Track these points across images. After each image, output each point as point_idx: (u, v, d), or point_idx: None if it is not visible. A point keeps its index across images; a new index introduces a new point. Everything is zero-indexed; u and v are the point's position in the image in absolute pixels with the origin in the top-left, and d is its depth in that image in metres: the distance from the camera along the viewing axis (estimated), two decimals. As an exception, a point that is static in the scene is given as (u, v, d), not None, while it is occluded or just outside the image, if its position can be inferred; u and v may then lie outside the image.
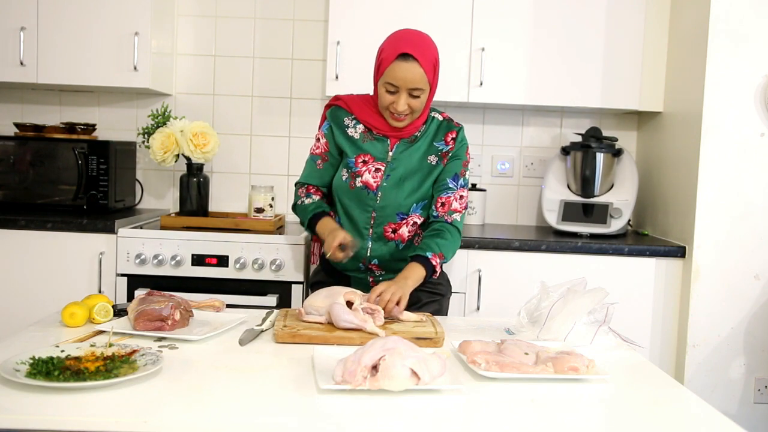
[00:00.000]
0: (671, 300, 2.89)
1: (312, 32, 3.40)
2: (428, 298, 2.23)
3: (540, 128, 3.47)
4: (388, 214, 2.15)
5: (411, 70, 2.00)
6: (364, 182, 2.15)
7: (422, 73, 2.01)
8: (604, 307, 1.79)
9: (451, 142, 2.18)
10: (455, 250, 2.17)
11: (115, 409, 1.25)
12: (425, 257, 2.05)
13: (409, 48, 2.00)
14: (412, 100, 2.05)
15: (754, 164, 2.80)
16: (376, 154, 2.16)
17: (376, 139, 2.17)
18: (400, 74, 2.01)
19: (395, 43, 2.04)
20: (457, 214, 2.17)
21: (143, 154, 3.43)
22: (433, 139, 2.18)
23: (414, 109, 2.07)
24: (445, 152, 2.18)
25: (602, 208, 3.09)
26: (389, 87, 2.04)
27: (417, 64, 2.00)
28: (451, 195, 2.16)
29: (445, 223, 2.15)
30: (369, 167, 2.15)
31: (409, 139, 2.17)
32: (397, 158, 2.15)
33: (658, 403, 1.43)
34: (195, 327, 1.75)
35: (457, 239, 2.16)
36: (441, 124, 2.20)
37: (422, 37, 2.07)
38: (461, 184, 2.18)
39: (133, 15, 3.05)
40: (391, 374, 1.34)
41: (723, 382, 2.85)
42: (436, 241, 2.09)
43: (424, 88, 2.04)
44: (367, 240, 2.18)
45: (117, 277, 2.83)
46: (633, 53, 3.09)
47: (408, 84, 2.02)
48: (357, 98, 2.22)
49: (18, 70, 3.05)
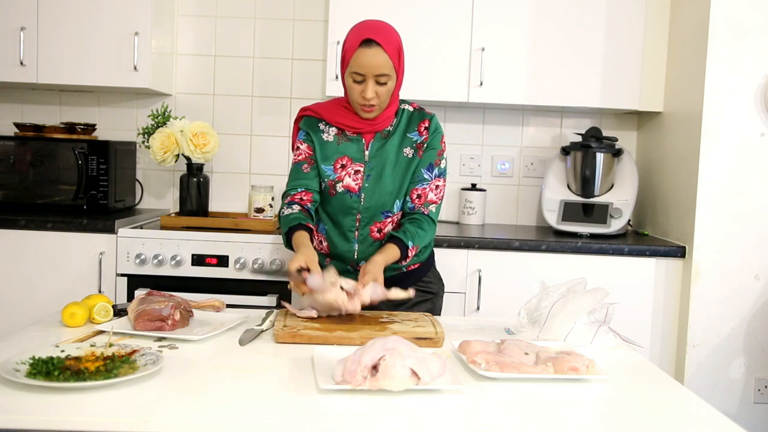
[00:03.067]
0: (671, 300, 2.89)
1: (312, 32, 3.40)
2: (420, 297, 2.22)
3: (540, 128, 3.47)
4: (374, 214, 2.15)
5: (375, 56, 1.99)
6: (346, 186, 2.13)
7: (386, 57, 2.00)
8: (604, 307, 1.79)
9: (424, 132, 2.16)
10: (429, 242, 2.21)
11: (115, 409, 1.25)
12: (404, 243, 2.05)
13: (372, 34, 2.00)
14: (379, 87, 2.03)
15: (754, 164, 2.80)
16: (353, 155, 2.14)
17: (350, 140, 2.15)
18: (365, 60, 1.99)
19: (357, 32, 2.04)
20: (433, 206, 2.16)
21: (143, 154, 3.43)
22: (406, 130, 2.17)
23: (381, 97, 2.05)
24: (419, 143, 2.16)
25: (602, 208, 3.09)
26: (356, 77, 2.03)
27: (381, 49, 1.99)
28: (426, 186, 2.15)
29: (422, 214, 2.14)
30: (348, 170, 2.13)
31: (383, 134, 2.15)
32: (374, 156, 2.14)
33: (658, 403, 1.43)
34: (195, 327, 1.75)
35: (432, 231, 2.16)
36: (412, 115, 2.19)
37: (383, 24, 2.07)
38: (436, 174, 2.16)
39: (133, 15, 3.05)
40: (391, 374, 1.34)
41: (723, 382, 2.85)
42: (417, 231, 2.09)
43: (390, 74, 2.02)
44: (353, 242, 2.17)
45: (117, 277, 2.83)
46: (633, 53, 3.09)
47: (374, 70, 2.00)
48: (324, 104, 2.21)
49: (18, 70, 3.06)
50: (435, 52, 3.08)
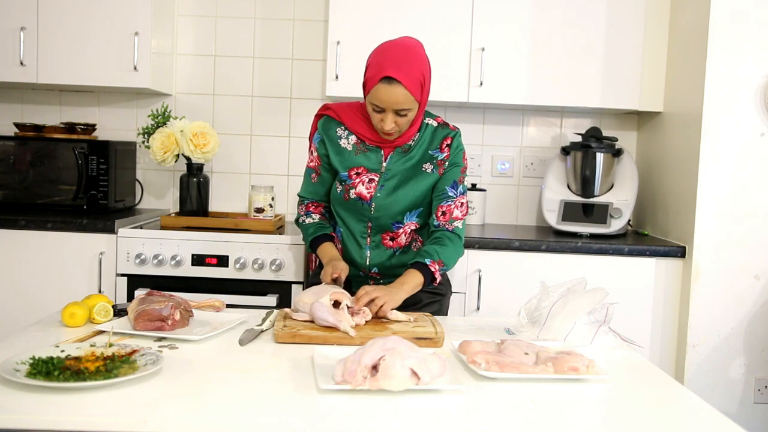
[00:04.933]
0: (671, 300, 2.89)
1: (312, 32, 3.40)
2: (429, 298, 2.22)
3: (540, 128, 3.47)
4: (384, 223, 2.15)
5: (395, 93, 1.95)
6: (358, 193, 2.13)
7: (407, 94, 1.96)
8: (604, 307, 1.79)
9: (446, 149, 2.14)
10: (457, 257, 2.15)
11: (115, 409, 1.25)
12: (424, 264, 2.04)
13: (392, 71, 1.94)
14: (399, 118, 2.01)
15: (754, 164, 2.80)
16: (370, 166, 2.13)
17: (369, 150, 2.14)
18: (384, 97, 1.96)
19: (380, 64, 1.97)
20: (459, 222, 2.15)
21: (143, 154, 3.43)
22: (428, 147, 2.14)
23: (402, 126, 2.05)
24: (440, 160, 2.14)
25: (602, 208, 3.09)
26: (375, 107, 2.00)
27: (401, 86, 1.94)
28: (451, 203, 2.14)
29: (446, 231, 2.13)
30: (362, 178, 2.13)
31: (403, 149, 2.13)
32: (390, 168, 2.13)
33: (658, 403, 1.43)
34: (195, 327, 1.75)
35: (458, 246, 2.14)
36: (436, 131, 2.16)
37: (408, 53, 1.99)
38: (461, 192, 2.16)
39: (133, 15, 3.05)
40: (391, 374, 1.34)
41: (723, 382, 2.85)
42: (435, 248, 2.08)
43: (411, 107, 2.00)
44: (366, 249, 2.17)
45: (117, 277, 2.83)
46: (633, 53, 3.09)
47: (393, 106, 1.97)
48: (347, 107, 2.17)
49: (18, 70, 3.06)
50: (435, 52, 3.05)
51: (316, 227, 2.22)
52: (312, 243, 2.22)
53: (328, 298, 1.79)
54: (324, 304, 1.76)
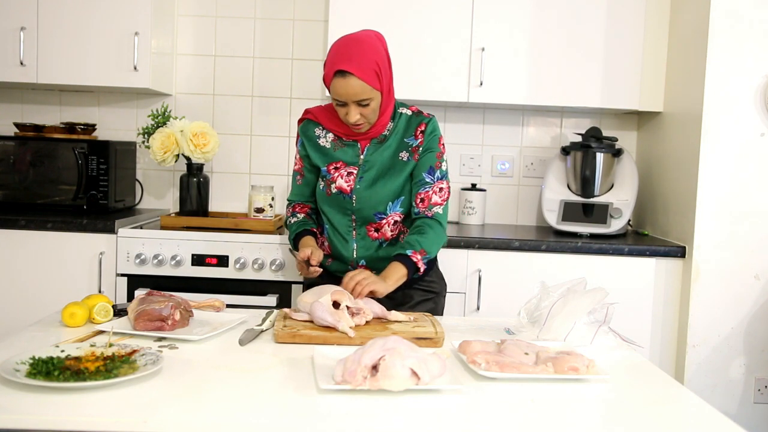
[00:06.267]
0: (671, 300, 2.89)
1: (312, 32, 3.40)
2: (422, 296, 2.23)
3: (540, 128, 3.47)
4: (367, 215, 2.16)
5: (350, 84, 1.98)
6: (339, 187, 2.16)
7: (362, 84, 1.98)
8: (604, 307, 1.79)
9: (420, 136, 2.16)
10: (440, 243, 2.16)
11: (115, 409, 1.25)
12: (405, 255, 2.05)
13: (344, 64, 1.97)
14: (362, 108, 2.04)
15: (754, 164, 2.80)
16: (347, 160, 2.17)
17: (346, 145, 2.18)
18: (341, 90, 2.00)
19: (332, 60, 2.02)
20: (438, 207, 2.15)
21: (143, 154, 3.43)
22: (404, 135, 2.17)
23: (368, 116, 2.07)
24: (415, 147, 2.16)
25: (602, 208, 3.09)
26: (337, 102, 2.04)
27: (354, 77, 1.97)
28: (429, 189, 2.15)
29: (426, 218, 2.14)
30: (341, 172, 2.16)
31: (379, 139, 2.16)
32: (368, 160, 2.15)
33: (658, 403, 1.43)
34: (195, 327, 1.74)
35: (440, 232, 2.15)
36: (410, 119, 2.19)
37: (358, 44, 2.01)
38: (438, 177, 2.16)
39: (133, 15, 3.05)
40: (391, 374, 1.34)
41: (723, 382, 2.85)
42: (416, 237, 2.09)
43: (370, 96, 2.02)
44: (352, 242, 2.19)
45: (117, 277, 2.83)
46: (633, 53, 3.09)
47: (352, 98, 2.01)
48: (325, 108, 2.22)
49: (18, 70, 3.06)
50: (435, 52, 3.08)
51: (299, 224, 2.25)
52: (294, 239, 2.23)
53: (328, 298, 1.79)
54: (323, 304, 1.76)
